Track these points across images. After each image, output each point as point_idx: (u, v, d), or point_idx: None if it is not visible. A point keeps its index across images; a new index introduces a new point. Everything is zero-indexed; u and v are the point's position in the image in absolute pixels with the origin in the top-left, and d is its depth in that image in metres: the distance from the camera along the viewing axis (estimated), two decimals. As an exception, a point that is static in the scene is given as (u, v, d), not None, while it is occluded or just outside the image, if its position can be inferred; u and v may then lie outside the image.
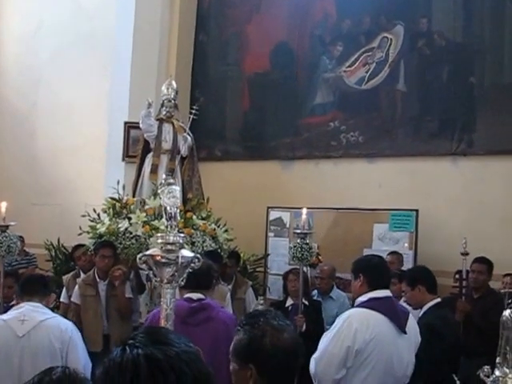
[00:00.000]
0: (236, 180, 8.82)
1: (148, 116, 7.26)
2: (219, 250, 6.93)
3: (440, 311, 4.46)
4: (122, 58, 8.98)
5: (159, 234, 1.59)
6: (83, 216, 7.07)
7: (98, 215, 7.09)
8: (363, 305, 3.72)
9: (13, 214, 9.65)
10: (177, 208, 2.21)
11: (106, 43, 9.41)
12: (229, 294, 6.15)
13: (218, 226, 7.22)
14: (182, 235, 1.77)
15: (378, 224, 7.49)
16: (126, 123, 8.71)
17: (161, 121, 7.39)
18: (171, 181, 2.39)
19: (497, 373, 2.19)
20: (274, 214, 8.22)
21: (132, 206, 6.96)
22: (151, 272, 1.54)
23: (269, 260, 8.10)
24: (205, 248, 6.71)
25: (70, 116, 10.05)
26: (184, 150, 7.39)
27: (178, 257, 1.50)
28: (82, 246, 6.96)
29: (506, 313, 2.17)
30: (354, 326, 3.57)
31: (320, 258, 7.04)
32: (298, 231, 5.30)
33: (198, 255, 1.65)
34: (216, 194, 7.89)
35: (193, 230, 6.80)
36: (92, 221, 7.03)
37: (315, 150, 8.56)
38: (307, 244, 5.16)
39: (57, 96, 10.22)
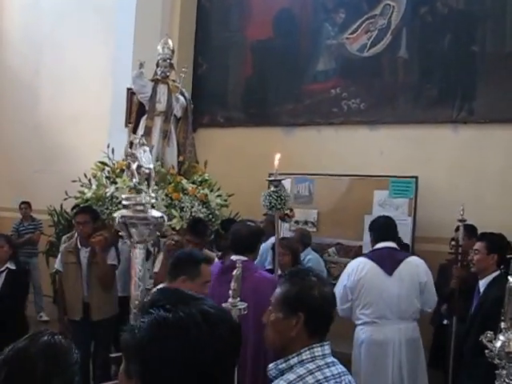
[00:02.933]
0: (238, 146, 8.88)
1: (139, 77, 7.01)
2: (210, 216, 6.71)
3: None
4: (124, 24, 8.97)
5: (127, 195, 1.56)
6: (74, 181, 6.99)
7: (89, 180, 6.96)
8: (365, 255, 5.04)
9: (18, 181, 9.82)
10: (151, 169, 2.31)
11: (108, 9, 9.40)
12: None
13: (211, 191, 6.99)
14: (153, 195, 1.70)
15: (378, 190, 7.56)
16: (128, 89, 8.70)
17: (156, 81, 7.12)
18: (144, 141, 2.47)
19: (501, 338, 2.30)
20: (275, 180, 8.28)
21: (121, 171, 6.72)
22: (125, 233, 1.53)
23: (270, 225, 8.20)
24: (193, 213, 6.51)
25: (73, 83, 10.09)
26: (176, 111, 7.11)
27: (147, 217, 1.50)
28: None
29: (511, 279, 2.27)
30: (349, 270, 4.86)
31: (292, 212, 7.03)
32: (271, 178, 4.72)
33: (164, 215, 1.60)
34: (218, 160, 7.94)
35: (182, 195, 6.57)
36: (82, 186, 6.91)
37: (317, 117, 8.61)
38: (278, 192, 4.45)
39: (60, 63, 10.25)
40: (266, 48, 9.10)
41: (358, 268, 4.79)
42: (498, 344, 2.31)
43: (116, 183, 6.54)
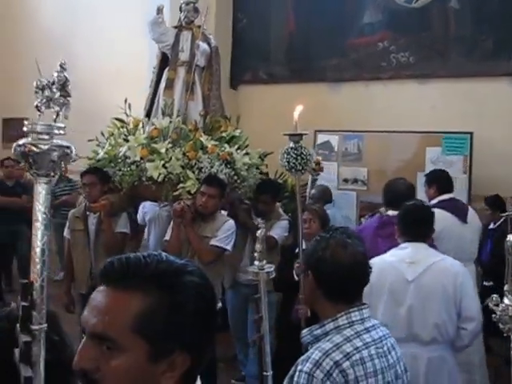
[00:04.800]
0: (281, 103, 8.59)
1: (157, 23, 6.29)
2: (235, 177, 5.87)
3: None
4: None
5: (30, 122, 1.26)
6: (90, 140, 6.39)
7: (107, 139, 6.32)
8: (434, 205, 4.86)
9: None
10: None
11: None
12: (227, 225, 5.10)
13: (238, 149, 6.12)
14: (60, 125, 1.32)
15: (430, 147, 7.28)
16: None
17: (179, 28, 6.40)
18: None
19: (506, 301, 2.09)
20: (321, 138, 8.02)
21: (138, 128, 6.10)
22: (26, 164, 1.26)
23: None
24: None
25: (108, 41, 9.87)
26: (197, 59, 6.28)
27: (50, 147, 1.23)
28: None
29: (511, 237, 2.05)
30: None
31: (320, 165, 6.21)
32: (290, 132, 3.48)
33: (71, 145, 1.29)
34: (261, 117, 7.72)
35: (201, 154, 5.80)
36: (98, 145, 6.29)
37: (364, 72, 8.29)
38: (298, 149, 3.34)
39: (95, 23, 10.02)
40: (309, 0, 8.74)
41: (438, 218, 4.33)
42: (501, 307, 2.09)
43: (128, 141, 5.91)
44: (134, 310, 1.16)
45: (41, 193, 1.24)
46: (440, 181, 5.43)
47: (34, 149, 1.19)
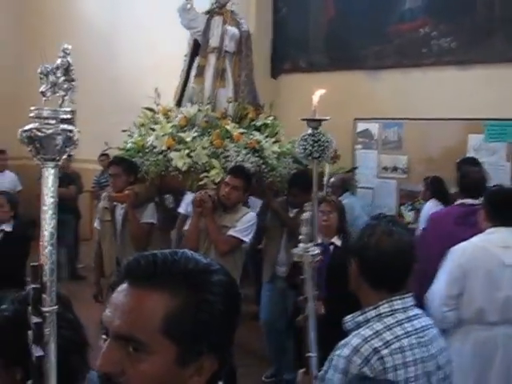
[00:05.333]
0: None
1: (185, 9, 6.16)
2: (263, 166, 5.68)
3: None
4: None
5: (36, 107, 1.27)
6: (124, 131, 6.36)
7: (138, 129, 6.29)
8: None
9: (97, 135, 9.84)
10: None
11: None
12: (248, 217, 4.83)
13: (267, 137, 5.91)
14: (66, 109, 1.31)
15: (472, 134, 7.17)
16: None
17: (211, 14, 6.24)
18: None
19: None
20: (361, 126, 7.99)
21: (169, 117, 5.94)
22: (33, 149, 1.27)
23: (357, 173, 7.94)
24: (239, 162, 5.52)
25: (148, 35, 9.94)
26: (226, 45, 6.12)
27: (55, 131, 1.23)
28: None
29: None
30: None
31: (336, 153, 6.06)
32: (308, 117, 3.14)
33: (75, 129, 1.29)
34: (300, 106, 7.64)
35: (228, 142, 5.63)
36: (129, 135, 6.23)
37: (404, 58, 8.15)
38: (316, 135, 2.97)
39: (136, 12, 10.11)
40: (348, -13, 8.65)
41: None
42: None
43: (155, 130, 5.80)
44: (162, 310, 1.11)
45: (48, 177, 1.27)
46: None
47: (39, 133, 1.22)
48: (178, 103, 6.23)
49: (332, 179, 6.41)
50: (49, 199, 1.27)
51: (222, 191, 4.76)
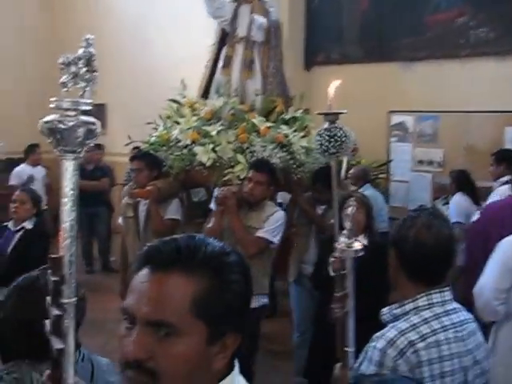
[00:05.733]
0: (354, 84, 8.45)
1: None
2: (291, 161, 5.32)
3: None
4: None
5: (56, 99, 1.22)
6: (148, 123, 6.11)
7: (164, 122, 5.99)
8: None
9: (130, 128, 9.88)
10: None
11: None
12: (276, 216, 4.56)
13: (295, 131, 5.56)
14: (87, 101, 1.25)
15: (509, 127, 7.02)
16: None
17: (238, 2, 5.93)
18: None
19: None
20: (395, 119, 7.88)
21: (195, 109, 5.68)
22: (53, 141, 1.22)
23: (391, 166, 7.84)
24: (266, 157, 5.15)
25: (180, 28, 9.93)
26: (252, 35, 5.83)
27: (76, 123, 1.19)
28: None
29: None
30: None
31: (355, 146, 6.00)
32: (325, 111, 2.63)
33: (97, 121, 1.24)
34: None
35: (254, 137, 5.32)
36: (155, 128, 5.95)
37: (440, 50, 8.00)
38: (332, 130, 2.54)
39: (165, 4, 10.11)
40: (382, -23, 8.52)
41: None
42: None
43: (179, 124, 5.53)
44: (190, 292, 1.15)
45: (68, 169, 1.25)
46: (510, 160, 5.32)
47: (61, 125, 1.20)
48: (205, 95, 6.02)
49: (352, 170, 6.34)
50: (69, 191, 1.25)
51: (245, 187, 4.52)
